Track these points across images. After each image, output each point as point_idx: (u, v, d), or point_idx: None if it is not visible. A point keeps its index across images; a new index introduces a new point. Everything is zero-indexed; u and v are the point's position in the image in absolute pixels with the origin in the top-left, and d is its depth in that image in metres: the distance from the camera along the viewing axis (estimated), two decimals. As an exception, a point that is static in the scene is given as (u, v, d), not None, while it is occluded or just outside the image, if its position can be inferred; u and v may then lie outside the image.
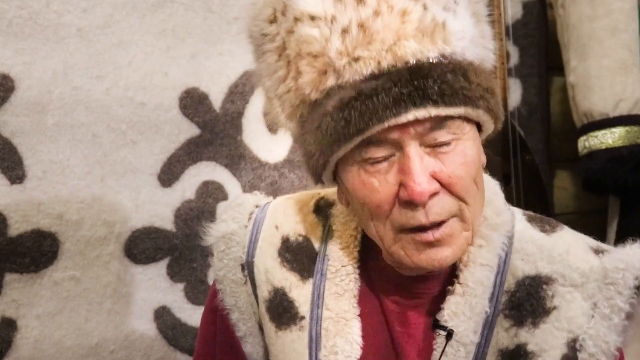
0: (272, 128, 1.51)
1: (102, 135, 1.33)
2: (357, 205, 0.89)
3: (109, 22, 1.32)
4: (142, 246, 1.38)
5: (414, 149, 0.82)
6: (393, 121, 0.80)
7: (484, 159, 0.90)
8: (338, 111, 0.82)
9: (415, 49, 0.80)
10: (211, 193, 1.45)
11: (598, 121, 1.65)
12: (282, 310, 0.96)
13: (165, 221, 1.41)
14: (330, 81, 0.83)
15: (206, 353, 1.06)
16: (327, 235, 0.98)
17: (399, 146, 0.83)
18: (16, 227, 1.26)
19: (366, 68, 0.81)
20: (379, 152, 0.83)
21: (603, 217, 1.77)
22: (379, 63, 0.80)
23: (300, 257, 0.98)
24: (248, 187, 1.48)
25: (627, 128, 1.63)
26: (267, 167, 1.51)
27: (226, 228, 1.02)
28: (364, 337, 0.93)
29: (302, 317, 0.95)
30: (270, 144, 1.51)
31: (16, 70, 1.24)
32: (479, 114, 0.84)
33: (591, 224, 1.61)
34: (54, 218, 1.29)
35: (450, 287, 0.90)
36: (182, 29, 1.39)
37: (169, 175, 1.40)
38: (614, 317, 0.88)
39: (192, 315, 1.44)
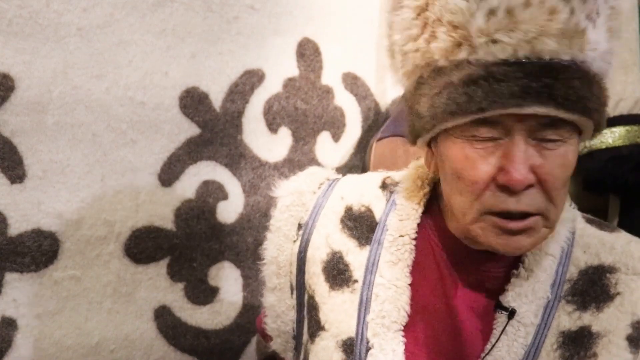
0: (272, 127, 1.51)
1: (102, 135, 1.33)
2: (449, 177, 0.91)
3: (109, 21, 1.32)
4: (142, 245, 1.38)
5: (522, 139, 0.85)
6: (515, 110, 0.83)
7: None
8: (464, 86, 0.84)
9: (553, 48, 0.82)
10: (211, 192, 1.45)
11: (598, 121, 1.65)
12: (337, 272, 1.01)
13: (166, 220, 1.41)
14: (462, 54, 0.85)
15: None
16: (389, 208, 1.02)
17: (509, 132, 0.85)
18: (16, 227, 1.26)
19: (502, 53, 0.83)
20: (489, 133, 0.86)
21: (603, 217, 1.76)
22: (515, 51, 0.82)
23: (360, 225, 1.02)
24: (248, 187, 1.48)
25: (628, 127, 1.63)
26: (267, 167, 1.51)
27: (298, 187, 1.07)
28: (415, 306, 0.96)
29: (355, 281, 1.00)
30: (271, 144, 1.51)
31: (16, 70, 1.24)
32: (589, 125, 0.87)
33: (591, 224, 1.61)
34: (54, 217, 1.29)
35: (515, 271, 0.94)
36: (182, 28, 1.39)
37: (169, 174, 1.40)
38: None
39: (192, 314, 1.44)
